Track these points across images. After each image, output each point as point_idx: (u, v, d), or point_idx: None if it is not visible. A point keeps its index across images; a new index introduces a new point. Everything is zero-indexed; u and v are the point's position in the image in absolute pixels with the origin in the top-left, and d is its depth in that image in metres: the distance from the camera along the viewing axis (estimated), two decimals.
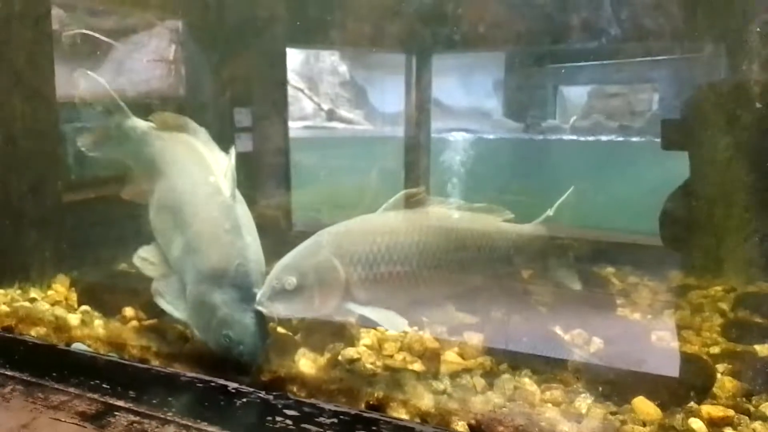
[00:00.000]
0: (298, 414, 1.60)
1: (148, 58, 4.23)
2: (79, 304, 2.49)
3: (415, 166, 4.29)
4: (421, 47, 4.13)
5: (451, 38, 3.81)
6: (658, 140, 3.04)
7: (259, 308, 1.79)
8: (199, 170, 2.14)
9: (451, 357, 1.98)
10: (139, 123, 2.38)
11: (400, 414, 1.64)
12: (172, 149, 2.26)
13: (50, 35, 2.88)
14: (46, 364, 1.96)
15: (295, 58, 7.94)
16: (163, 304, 2.03)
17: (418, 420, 1.61)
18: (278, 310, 1.76)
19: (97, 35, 4.33)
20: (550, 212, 2.22)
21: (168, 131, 2.30)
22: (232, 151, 2.14)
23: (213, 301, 1.88)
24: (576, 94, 6.14)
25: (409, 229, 1.81)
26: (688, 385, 1.72)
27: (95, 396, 1.73)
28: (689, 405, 1.65)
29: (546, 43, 4.02)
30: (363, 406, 1.67)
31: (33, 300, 2.55)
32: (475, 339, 2.08)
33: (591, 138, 5.74)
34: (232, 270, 1.90)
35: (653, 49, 3.81)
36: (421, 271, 1.78)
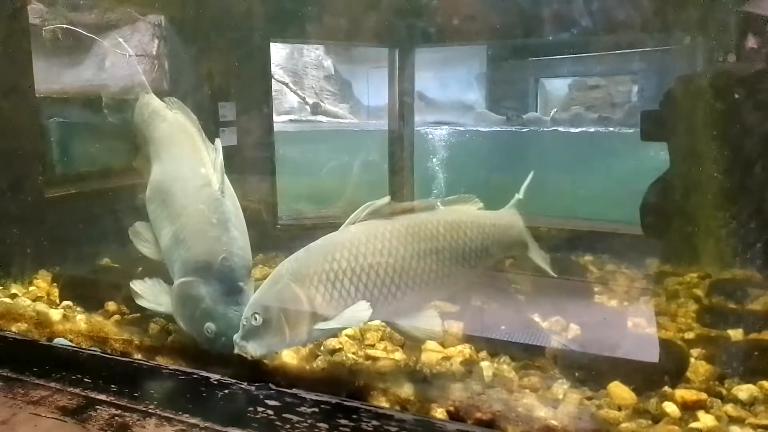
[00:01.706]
0: (279, 404, 1.62)
1: (131, 53, 4.21)
2: (61, 300, 2.48)
3: (399, 158, 4.31)
4: (404, 41, 4.13)
5: (435, 32, 3.82)
6: (638, 131, 3.08)
7: (238, 352, 1.74)
8: (193, 160, 2.16)
9: (431, 345, 2.00)
10: (153, 101, 2.42)
11: (381, 402, 1.66)
12: (172, 134, 2.29)
13: (27, 29, 2.84)
14: (27, 359, 1.95)
15: (279, 52, 7.91)
16: (145, 303, 2.04)
17: (398, 408, 1.64)
18: (253, 348, 1.70)
19: (78, 30, 4.30)
20: (519, 195, 2.16)
21: (178, 114, 2.33)
22: (218, 144, 2.14)
23: (197, 294, 1.90)
24: (557, 86, 6.19)
25: (370, 239, 1.73)
26: (663, 370, 1.76)
27: (76, 390, 1.73)
28: (663, 389, 1.69)
29: (527, 36, 4.04)
30: (344, 395, 1.69)
31: (14, 296, 2.54)
32: (455, 328, 2.11)
33: (572, 129, 5.79)
34: (217, 264, 1.92)
35: (633, 41, 3.85)
36: (391, 279, 1.71)
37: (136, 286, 2.05)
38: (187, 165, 2.17)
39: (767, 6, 2.57)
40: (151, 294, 2.04)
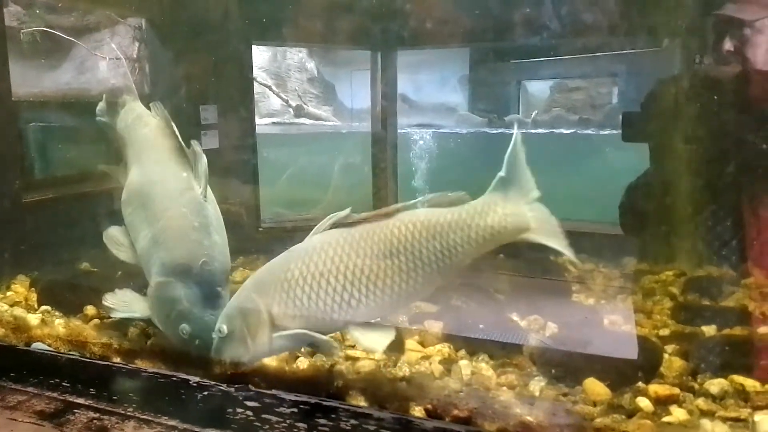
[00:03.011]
0: (258, 405, 1.63)
1: (110, 56, 4.18)
2: (40, 304, 2.46)
3: (382, 161, 4.33)
4: (387, 44, 4.15)
5: (417, 35, 3.84)
6: (618, 132, 3.12)
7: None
8: (174, 164, 2.15)
9: (411, 345, 2.02)
10: (137, 107, 2.42)
11: (359, 402, 1.67)
12: (153, 139, 2.28)
13: (3, 32, 2.82)
14: (3, 364, 1.94)
15: (262, 54, 7.90)
16: (119, 314, 2.06)
17: (376, 407, 1.65)
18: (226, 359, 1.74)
19: (57, 33, 4.27)
20: (501, 173, 1.80)
21: (161, 120, 2.31)
22: (198, 149, 2.13)
23: (174, 295, 1.91)
24: (538, 88, 6.25)
25: (324, 247, 1.70)
26: (637, 366, 1.79)
27: (54, 395, 1.73)
28: (637, 384, 1.71)
29: (509, 39, 4.08)
30: (323, 395, 1.70)
31: None
32: (435, 327, 2.13)
33: (553, 131, 5.86)
34: (197, 267, 1.93)
35: (613, 44, 3.90)
36: (342, 287, 1.68)
37: (107, 301, 2.07)
38: (168, 169, 2.17)
39: (743, 10, 2.62)
40: (123, 304, 2.06)
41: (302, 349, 1.98)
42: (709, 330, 2.14)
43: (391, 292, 1.69)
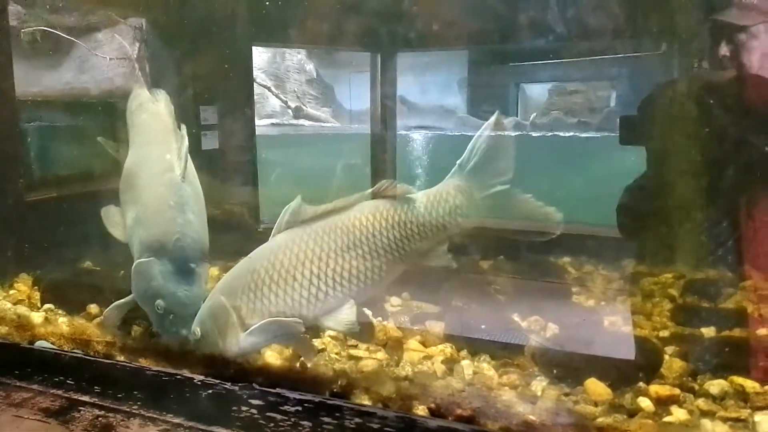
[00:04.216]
0: (263, 403, 1.63)
1: (111, 56, 4.19)
2: (43, 303, 2.46)
3: (381, 162, 4.34)
4: (387, 46, 4.17)
5: (417, 37, 3.85)
6: (616, 135, 3.13)
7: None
8: (161, 147, 2.23)
9: (413, 345, 2.03)
10: (142, 94, 2.49)
11: (363, 400, 1.68)
12: (148, 123, 2.38)
13: (7, 31, 2.82)
14: (8, 362, 1.94)
15: (261, 56, 7.91)
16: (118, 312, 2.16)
17: (380, 405, 1.66)
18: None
19: (58, 32, 4.27)
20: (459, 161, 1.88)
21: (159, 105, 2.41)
22: (184, 131, 2.24)
23: (150, 272, 1.99)
24: (537, 91, 6.27)
25: (288, 244, 1.73)
26: (638, 367, 1.81)
27: (59, 392, 1.73)
28: (638, 385, 1.73)
29: (508, 41, 4.10)
30: (327, 393, 1.71)
31: None
32: (437, 327, 2.14)
33: (551, 134, 5.87)
34: (170, 244, 2.00)
35: (611, 47, 3.92)
36: (309, 281, 1.70)
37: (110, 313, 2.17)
38: (154, 151, 2.27)
39: (740, 15, 2.65)
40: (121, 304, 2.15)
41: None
42: (709, 332, 2.15)
43: (357, 281, 1.73)
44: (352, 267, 1.72)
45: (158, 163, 2.19)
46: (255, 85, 4.86)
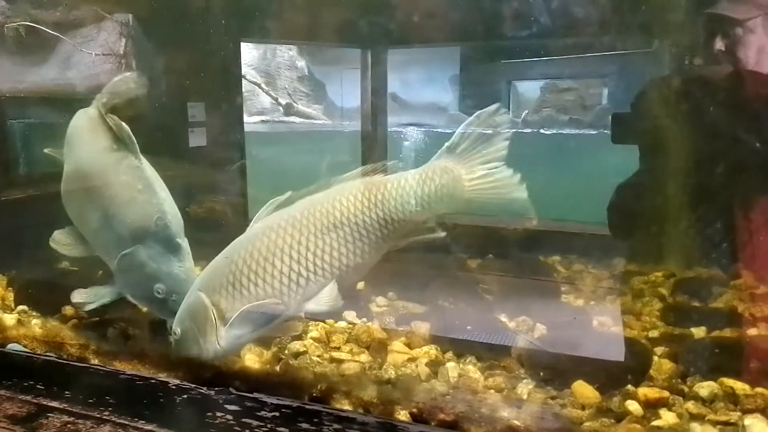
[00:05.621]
0: (239, 408, 1.58)
1: (97, 52, 4.12)
2: (17, 304, 2.40)
3: (372, 159, 4.30)
4: (377, 42, 4.13)
5: (408, 33, 3.82)
6: (608, 133, 3.10)
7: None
8: (101, 142, 2.16)
9: (398, 347, 1.98)
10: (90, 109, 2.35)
11: (344, 405, 1.63)
12: (81, 129, 2.27)
13: None
14: None
15: (251, 52, 7.84)
16: (91, 306, 2.09)
17: (360, 411, 1.61)
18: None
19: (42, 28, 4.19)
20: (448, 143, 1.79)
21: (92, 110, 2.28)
22: (117, 120, 2.12)
23: (139, 259, 1.95)
24: (529, 88, 6.23)
25: (266, 231, 1.67)
26: (627, 369, 1.77)
27: (28, 397, 1.67)
28: (627, 387, 1.69)
29: (500, 38, 4.05)
30: (306, 398, 1.66)
31: None
32: (422, 328, 2.09)
33: (543, 131, 5.84)
34: (153, 225, 1.97)
35: (604, 44, 3.88)
36: (289, 268, 1.65)
37: (75, 297, 2.12)
38: (96, 148, 2.18)
39: (734, 9, 2.61)
40: (90, 296, 2.10)
41: (286, 351, 1.94)
42: (699, 332, 2.12)
43: (339, 264, 1.67)
44: (333, 250, 1.67)
45: (108, 155, 2.12)
46: (245, 82, 4.81)
